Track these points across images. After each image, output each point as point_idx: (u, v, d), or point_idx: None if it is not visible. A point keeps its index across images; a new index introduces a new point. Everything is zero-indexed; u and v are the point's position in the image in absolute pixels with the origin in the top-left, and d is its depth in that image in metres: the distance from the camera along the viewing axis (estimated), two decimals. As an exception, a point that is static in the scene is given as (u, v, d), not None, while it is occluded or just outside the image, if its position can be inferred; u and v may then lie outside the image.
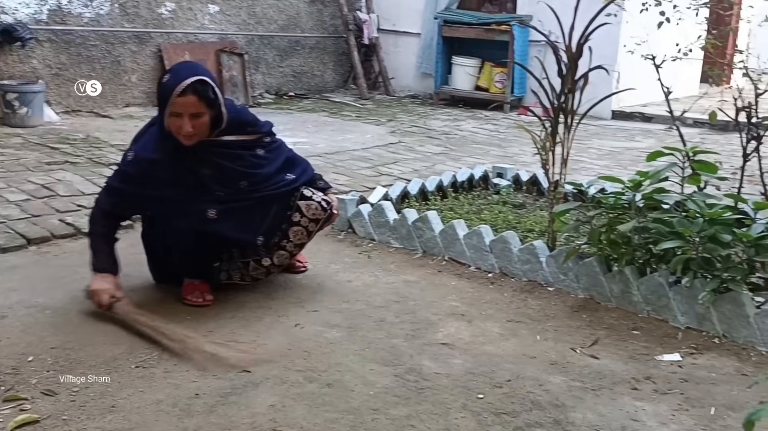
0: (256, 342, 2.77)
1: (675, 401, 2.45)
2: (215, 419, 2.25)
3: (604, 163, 6.28)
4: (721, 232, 2.95)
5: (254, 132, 3.12)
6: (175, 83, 2.81)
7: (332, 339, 2.82)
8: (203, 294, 3.12)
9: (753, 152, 3.77)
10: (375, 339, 2.83)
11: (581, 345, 2.85)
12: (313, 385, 2.46)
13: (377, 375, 2.54)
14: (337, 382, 2.48)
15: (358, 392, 2.42)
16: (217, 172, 2.98)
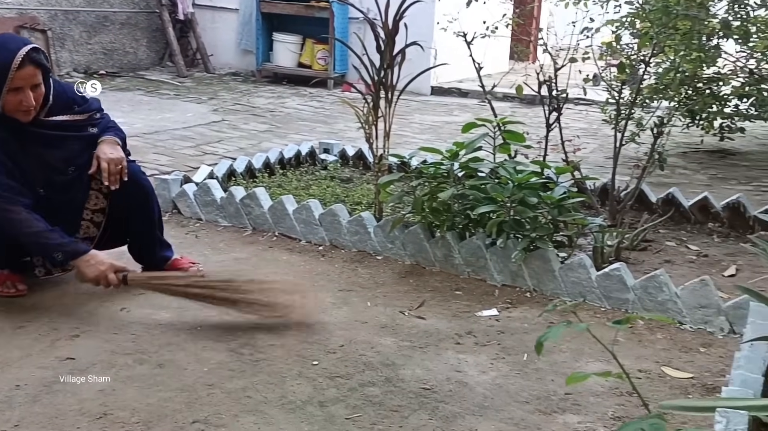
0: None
1: (493, 351, 2.65)
2: (40, 409, 2.14)
3: (425, 137, 6.55)
4: (529, 196, 3.21)
5: (85, 110, 2.94)
6: (8, 57, 2.58)
7: (162, 320, 2.76)
8: (15, 284, 2.92)
9: (555, 122, 4.11)
10: (207, 317, 2.80)
11: (409, 308, 3.00)
12: (143, 367, 2.40)
13: (211, 352, 2.53)
14: (169, 362, 2.44)
15: (192, 370, 2.40)
16: (50, 156, 2.80)
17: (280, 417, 2.16)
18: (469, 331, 2.81)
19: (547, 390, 2.40)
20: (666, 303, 2.95)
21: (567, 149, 4.23)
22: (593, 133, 6.89)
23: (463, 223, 3.41)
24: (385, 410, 2.22)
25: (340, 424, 2.14)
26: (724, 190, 4.98)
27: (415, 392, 2.34)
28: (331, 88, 8.87)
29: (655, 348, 2.73)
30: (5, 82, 2.59)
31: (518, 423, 2.20)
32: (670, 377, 2.51)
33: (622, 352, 2.69)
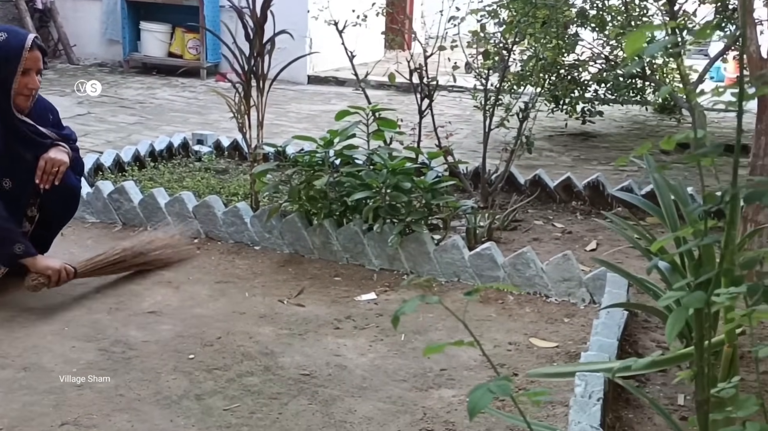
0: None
1: (372, 334, 2.70)
2: None
3: (303, 126, 6.53)
4: (403, 181, 3.29)
5: (58, 123, 3.02)
6: (21, 40, 2.72)
7: (25, 322, 2.63)
8: None
9: (427, 109, 4.21)
10: (75, 316, 2.69)
11: (288, 296, 3.00)
12: (6, 372, 2.28)
13: (79, 352, 2.43)
14: (34, 365, 2.33)
15: (60, 371, 2.30)
16: (22, 154, 2.83)
17: (155, 413, 2.12)
18: (348, 316, 2.84)
19: (424, 368, 2.47)
20: (533, 278, 3.10)
21: (440, 135, 4.36)
22: (466, 119, 7.10)
23: (340, 210, 3.43)
24: (264, 398, 2.22)
25: (218, 416, 2.12)
26: (586, 170, 5.27)
27: (295, 379, 2.35)
28: (204, 78, 8.66)
29: (524, 321, 2.87)
30: (20, 63, 2.69)
31: (396, 401, 2.26)
32: (537, 347, 2.65)
33: (494, 327, 2.82)
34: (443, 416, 2.19)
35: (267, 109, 3.76)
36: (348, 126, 3.48)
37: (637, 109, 7.53)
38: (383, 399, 2.27)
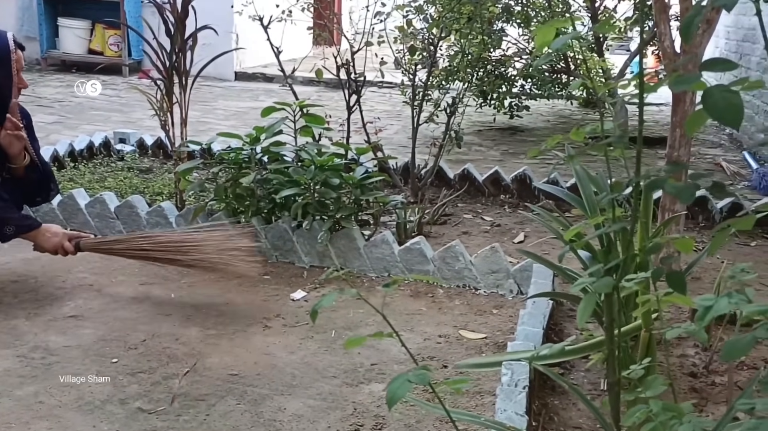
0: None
1: (302, 332, 2.68)
2: None
3: (230, 123, 6.43)
4: (331, 177, 3.27)
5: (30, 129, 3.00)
6: (3, 42, 2.73)
7: (-64, 332, 2.50)
8: None
9: (355, 105, 4.20)
10: (-10, 324, 2.58)
11: (217, 296, 2.95)
12: None
13: (-4, 360, 2.33)
14: (-54, 376, 2.22)
15: (-27, 381, 2.20)
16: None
17: (77, 419, 2.05)
18: (277, 314, 2.81)
19: (354, 364, 2.46)
20: (462, 271, 3.13)
21: (369, 131, 4.35)
22: (396, 115, 7.12)
23: (268, 208, 3.39)
24: (191, 400, 2.18)
25: (143, 420, 2.06)
26: (514, 164, 5.37)
27: (223, 379, 2.31)
28: (126, 75, 8.43)
29: (454, 313, 2.89)
30: (12, 65, 2.73)
31: (326, 398, 2.25)
32: (466, 339, 2.68)
33: (424, 320, 2.83)
34: (373, 410, 2.19)
35: (193, 107, 3.70)
36: (274, 122, 3.44)
37: (563, 104, 7.70)
38: (313, 396, 2.25)
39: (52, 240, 2.82)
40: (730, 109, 0.89)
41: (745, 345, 0.86)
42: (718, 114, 0.89)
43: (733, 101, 0.89)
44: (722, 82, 0.94)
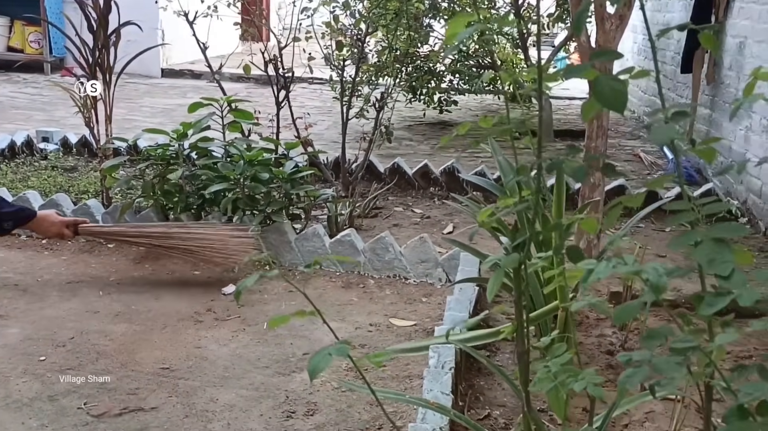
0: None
1: (234, 325, 2.70)
2: None
3: (158, 120, 6.34)
4: (261, 172, 3.29)
5: None
6: None
7: None
8: None
9: (284, 100, 4.22)
10: None
11: (147, 292, 2.93)
12: None
13: None
14: None
15: None
16: None
17: (5, 417, 2.02)
18: (209, 309, 2.82)
19: (286, 354, 2.50)
20: (392, 261, 3.20)
21: (299, 126, 4.38)
22: (327, 111, 7.15)
23: (198, 203, 3.39)
24: (122, 394, 2.18)
25: (73, 415, 2.06)
26: (443, 157, 5.47)
27: (154, 373, 2.32)
28: (48, 73, 8.20)
29: (384, 302, 2.96)
30: None
31: (258, 388, 2.28)
32: (396, 326, 2.75)
33: (355, 310, 2.89)
34: (306, 398, 2.23)
35: (119, 105, 3.66)
36: (201, 118, 3.43)
37: (491, 98, 7.88)
38: (245, 387, 2.28)
39: (51, 229, 2.90)
40: (616, 96, 0.97)
41: (633, 309, 0.95)
42: (605, 101, 0.97)
43: (618, 89, 0.97)
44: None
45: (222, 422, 2.10)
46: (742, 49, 4.45)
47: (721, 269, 0.90)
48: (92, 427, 2.02)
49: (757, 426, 0.88)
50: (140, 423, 2.06)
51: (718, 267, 0.91)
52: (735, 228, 0.94)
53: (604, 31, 3.30)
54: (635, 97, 7.68)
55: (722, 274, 0.90)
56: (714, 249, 0.92)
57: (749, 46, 4.36)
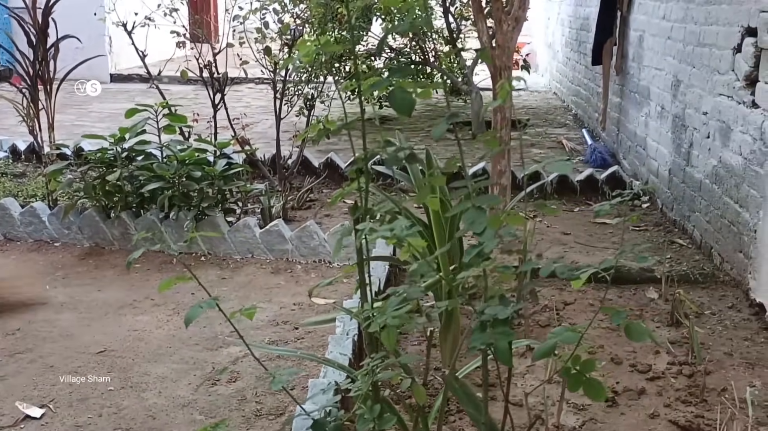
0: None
1: (169, 309, 3.00)
2: None
3: (106, 125, 6.56)
4: (193, 170, 3.58)
5: None
6: None
7: None
8: None
9: (220, 103, 4.50)
10: None
11: (89, 285, 3.21)
12: None
13: None
14: None
15: None
16: None
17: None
18: (147, 296, 3.12)
19: (215, 332, 2.81)
20: (317, 247, 3.52)
21: (237, 126, 4.66)
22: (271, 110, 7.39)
23: (137, 202, 3.67)
24: (63, 373, 2.47)
25: (21, 391, 2.34)
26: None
27: (94, 353, 2.61)
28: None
29: (309, 285, 3.28)
30: None
31: (188, 361, 2.59)
32: (317, 305, 3.08)
33: (282, 292, 3.21)
34: (230, 368, 2.55)
35: (68, 111, 3.93)
36: (138, 122, 3.71)
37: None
38: (177, 361, 2.59)
39: None
40: (404, 103, 1.30)
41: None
42: (396, 107, 1.31)
43: (407, 98, 1.30)
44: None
45: (154, 391, 2.40)
46: (642, 42, 4.85)
47: (477, 228, 1.24)
48: (38, 401, 2.31)
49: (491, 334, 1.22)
50: (81, 395, 2.35)
51: (475, 227, 1.24)
52: (491, 198, 1.29)
53: (502, 32, 3.66)
54: (564, 87, 8.10)
55: (477, 231, 1.24)
56: (474, 214, 1.26)
57: (646, 39, 4.76)
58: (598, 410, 2.34)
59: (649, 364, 2.63)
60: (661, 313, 3.04)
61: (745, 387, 2.45)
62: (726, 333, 2.88)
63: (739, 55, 3.28)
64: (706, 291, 3.28)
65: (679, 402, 2.39)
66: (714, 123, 3.55)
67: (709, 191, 3.59)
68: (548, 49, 9.69)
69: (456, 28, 6.71)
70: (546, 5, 9.76)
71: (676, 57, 4.14)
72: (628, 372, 2.58)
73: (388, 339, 1.43)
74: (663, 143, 4.36)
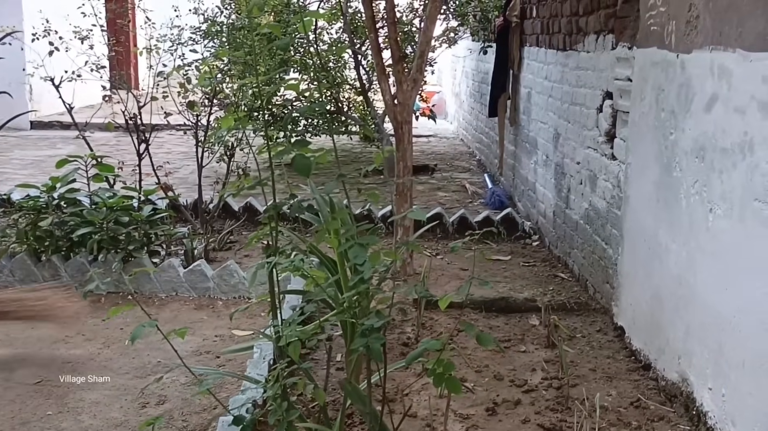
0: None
1: (99, 343, 3.28)
2: None
3: (29, 172, 6.72)
4: (121, 216, 3.89)
5: None
6: None
7: None
8: None
9: (145, 152, 4.81)
10: None
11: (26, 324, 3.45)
12: None
13: None
14: None
15: None
16: None
17: None
18: (78, 332, 3.39)
19: (144, 362, 3.11)
20: (237, 285, 3.87)
21: (160, 173, 4.98)
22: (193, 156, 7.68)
23: (67, 246, 3.93)
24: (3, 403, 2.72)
25: None
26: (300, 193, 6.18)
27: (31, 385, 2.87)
28: None
29: (227, 319, 3.61)
30: None
31: (119, 388, 2.88)
32: (237, 336, 3.42)
33: (204, 326, 3.53)
34: (158, 392, 2.85)
35: (-10, 159, 4.15)
36: (68, 173, 3.99)
37: (346, 139, 8.70)
38: (109, 388, 2.88)
39: None
40: (304, 166, 1.71)
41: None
42: (298, 169, 1.72)
43: (306, 162, 1.71)
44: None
45: (90, 414, 2.69)
46: (530, 98, 5.46)
47: (359, 260, 1.65)
48: None
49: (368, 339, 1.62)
50: (21, 420, 2.62)
51: (358, 260, 1.66)
52: (371, 239, 1.70)
53: (402, 91, 4.16)
54: (470, 134, 8.73)
55: (358, 263, 1.65)
56: (358, 250, 1.67)
57: (533, 96, 5.36)
58: (480, 418, 2.77)
59: (526, 380, 3.08)
60: (540, 337, 3.51)
61: (604, 396, 2.93)
62: (592, 353, 3.37)
63: (601, 115, 3.86)
64: (579, 318, 3.79)
65: (548, 410, 2.83)
66: (585, 171, 4.11)
67: (583, 230, 4.14)
68: (456, 99, 10.37)
69: (368, 80, 7.23)
70: (453, 59, 10.47)
71: (556, 113, 4.73)
72: (508, 387, 3.02)
73: (294, 352, 1.81)
74: (548, 188, 4.93)
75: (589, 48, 4.09)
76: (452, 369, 1.78)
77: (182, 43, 6.44)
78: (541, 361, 3.24)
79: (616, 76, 3.63)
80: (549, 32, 4.95)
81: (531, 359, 3.27)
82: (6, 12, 7.13)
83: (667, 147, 2.96)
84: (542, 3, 5.17)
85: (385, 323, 1.61)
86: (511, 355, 3.31)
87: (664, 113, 3.00)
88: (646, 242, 3.18)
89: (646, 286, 3.19)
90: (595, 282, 3.96)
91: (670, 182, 2.93)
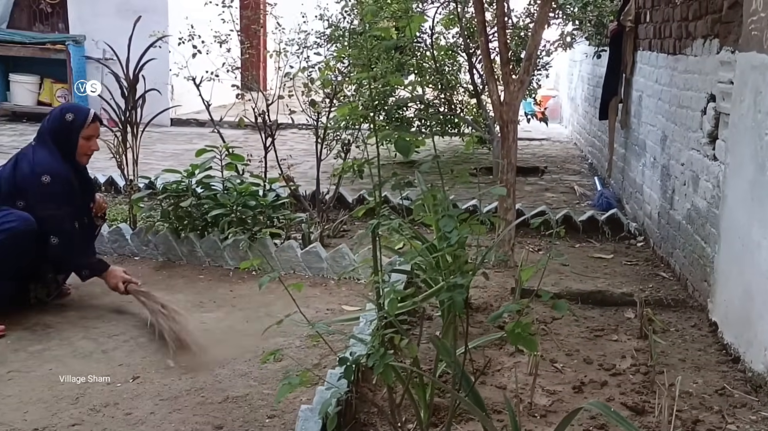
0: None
1: (227, 308, 3.73)
2: None
3: (168, 163, 7.42)
4: (249, 200, 4.34)
5: None
6: (84, 114, 3.61)
7: None
8: None
9: (270, 146, 5.28)
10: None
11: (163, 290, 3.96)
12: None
13: (10, 331, 3.29)
14: (-23, 339, 3.18)
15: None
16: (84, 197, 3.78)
17: (73, 363, 3.04)
18: (211, 299, 3.85)
19: (264, 327, 3.51)
20: (348, 267, 4.23)
21: (284, 166, 5.44)
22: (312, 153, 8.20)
23: (202, 225, 4.43)
24: (146, 351, 3.19)
25: (120, 360, 3.08)
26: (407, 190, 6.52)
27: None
28: (73, 123, 9.34)
29: (340, 296, 3.98)
30: (81, 130, 3.57)
31: (242, 347, 3.29)
32: (347, 310, 3.77)
33: (317, 301, 3.91)
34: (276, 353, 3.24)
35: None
36: (205, 160, 4.50)
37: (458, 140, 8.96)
38: (235, 347, 3.29)
39: (112, 281, 3.60)
40: (405, 147, 2.01)
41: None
42: (398, 149, 2.02)
43: (405, 144, 2.01)
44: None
45: (221, 366, 3.10)
46: (641, 101, 5.54)
47: (447, 228, 1.93)
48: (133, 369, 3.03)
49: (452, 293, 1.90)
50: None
51: (446, 227, 1.94)
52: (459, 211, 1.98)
53: (509, 92, 4.39)
54: (583, 138, 8.77)
55: (447, 230, 1.93)
56: (447, 221, 1.96)
57: (644, 99, 5.44)
58: (566, 395, 2.97)
59: (614, 364, 3.25)
60: (634, 329, 3.65)
61: (690, 383, 3.06)
62: (684, 345, 3.49)
63: (704, 117, 3.94)
64: (675, 314, 3.88)
65: (633, 392, 3.00)
66: (688, 172, 4.19)
67: (685, 230, 4.22)
68: (571, 103, 10.40)
69: (481, 83, 7.46)
70: (570, 64, 10.51)
71: (664, 115, 4.81)
72: (596, 370, 3.20)
73: (391, 307, 2.12)
74: (654, 189, 5.00)
75: (696, 52, 4.17)
76: (529, 330, 2.02)
77: (308, 46, 6.93)
78: (631, 350, 3.39)
79: (720, 79, 3.71)
80: (661, 36, 5.03)
81: (622, 347, 3.42)
82: (154, 20, 7.88)
83: (762, 147, 3.05)
84: (656, 8, 5.25)
85: (468, 280, 1.89)
86: (602, 343, 3.47)
87: (760, 114, 3.09)
88: (740, 239, 3.27)
89: (738, 282, 3.28)
90: (693, 280, 4.04)
91: (764, 181, 3.02)
